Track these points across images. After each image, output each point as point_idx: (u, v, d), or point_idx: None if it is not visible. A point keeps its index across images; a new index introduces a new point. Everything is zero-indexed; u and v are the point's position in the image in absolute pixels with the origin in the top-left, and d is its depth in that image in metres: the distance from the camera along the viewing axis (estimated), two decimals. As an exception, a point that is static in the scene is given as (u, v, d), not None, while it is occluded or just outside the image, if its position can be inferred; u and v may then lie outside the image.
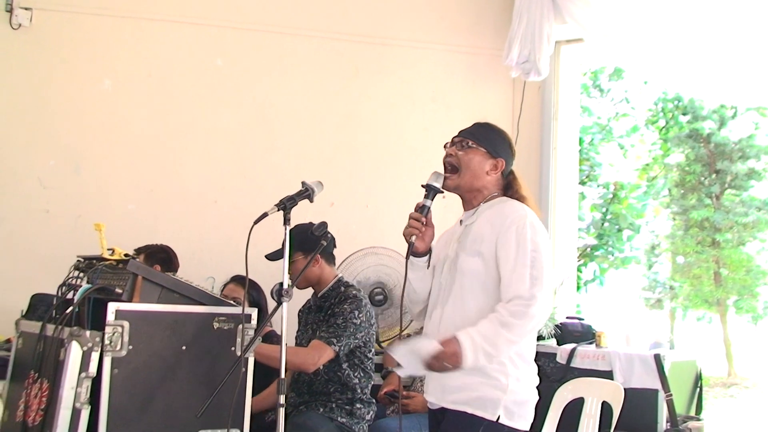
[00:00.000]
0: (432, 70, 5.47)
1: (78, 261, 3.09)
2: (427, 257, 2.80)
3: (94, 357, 2.62)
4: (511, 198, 2.76)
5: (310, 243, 3.43)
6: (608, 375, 4.40)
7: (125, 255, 3.00)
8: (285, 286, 2.81)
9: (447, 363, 2.50)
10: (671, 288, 14.79)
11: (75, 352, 2.62)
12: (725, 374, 13.62)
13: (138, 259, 4.03)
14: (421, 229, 2.72)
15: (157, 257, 4.25)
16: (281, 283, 2.84)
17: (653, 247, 14.92)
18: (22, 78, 4.85)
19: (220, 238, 4.91)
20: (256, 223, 2.70)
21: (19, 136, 4.82)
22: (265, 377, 3.66)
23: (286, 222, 2.85)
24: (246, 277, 2.81)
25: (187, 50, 5.11)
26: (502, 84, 5.50)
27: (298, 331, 3.97)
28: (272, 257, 3.59)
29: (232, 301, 3.03)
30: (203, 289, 2.93)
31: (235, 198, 5.04)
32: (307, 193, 2.93)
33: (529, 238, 2.57)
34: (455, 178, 2.75)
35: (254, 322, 2.90)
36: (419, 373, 2.65)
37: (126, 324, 2.67)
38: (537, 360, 2.75)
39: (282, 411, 2.72)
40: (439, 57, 5.50)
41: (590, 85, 13.77)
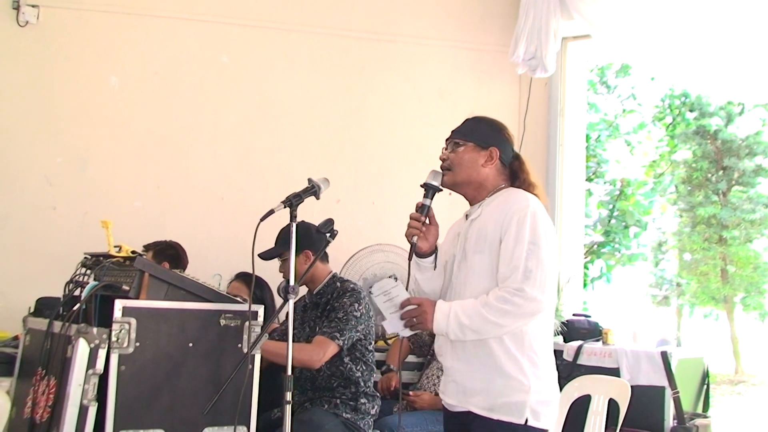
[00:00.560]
0: (438, 67, 5.46)
1: (85, 258, 3.10)
2: (432, 257, 2.77)
3: (101, 354, 2.62)
4: (519, 188, 2.71)
5: (302, 241, 3.44)
6: (615, 372, 4.40)
7: (132, 252, 3.01)
8: (291, 283, 2.81)
9: (416, 318, 2.55)
10: (678, 285, 14.76)
11: (82, 349, 2.62)
12: (732, 371, 13.60)
13: (147, 256, 4.08)
14: (422, 229, 2.70)
15: (166, 254, 4.26)
16: (288, 280, 2.84)
17: (660, 244, 14.89)
18: (28, 75, 4.86)
19: (227, 235, 4.92)
20: (262, 220, 2.70)
21: (25, 133, 4.84)
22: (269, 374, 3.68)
23: (293, 219, 2.85)
24: (252, 274, 2.81)
25: (193, 47, 5.11)
26: (509, 80, 5.49)
27: (294, 329, 3.96)
28: (265, 256, 3.60)
29: (238, 298, 3.03)
30: (210, 286, 2.93)
31: (242, 195, 5.04)
32: (313, 190, 2.92)
33: (528, 230, 2.53)
34: (451, 175, 2.72)
35: (261, 319, 2.90)
36: (399, 329, 2.62)
37: (133, 321, 2.67)
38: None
39: (288, 408, 2.72)
40: (445, 53, 5.49)
41: (597, 82, 13.75)
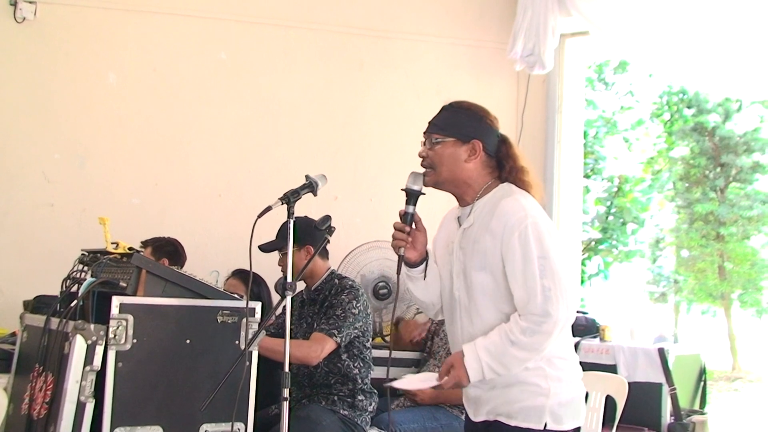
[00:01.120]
0: (436, 64, 5.46)
1: (82, 254, 3.10)
2: (423, 266, 2.59)
3: (99, 350, 2.63)
4: (507, 179, 2.52)
5: (303, 236, 3.45)
6: (612, 369, 4.40)
7: (129, 248, 3.01)
8: (289, 280, 2.81)
9: (454, 386, 2.45)
10: (675, 282, 14.79)
11: (79, 346, 2.62)
12: (729, 368, 13.63)
13: (145, 252, 4.08)
14: (408, 240, 2.53)
15: (164, 250, 4.26)
16: (286, 276, 2.84)
17: (658, 241, 14.91)
18: (26, 72, 4.85)
19: (225, 231, 4.92)
20: (259, 216, 2.69)
21: (23, 130, 4.83)
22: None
23: (290, 216, 2.85)
24: (250, 271, 2.81)
25: (191, 44, 5.10)
26: (507, 77, 5.48)
27: (292, 325, 3.97)
28: (265, 248, 3.60)
29: (236, 295, 3.03)
30: (207, 283, 2.94)
31: (240, 192, 5.04)
32: (310, 186, 2.92)
33: (534, 244, 2.36)
34: (433, 175, 2.54)
35: (258, 315, 2.90)
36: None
37: (130, 317, 2.68)
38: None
39: (286, 404, 2.72)
40: (443, 50, 5.49)
41: (595, 79, 13.77)
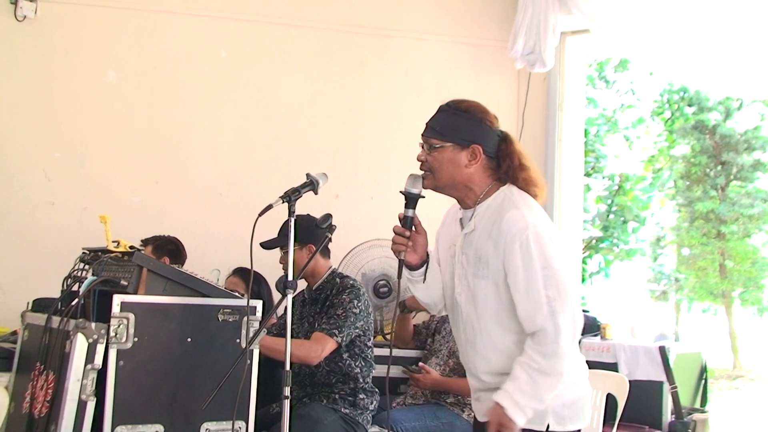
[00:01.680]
0: (437, 62, 5.45)
1: (83, 253, 3.10)
2: (423, 269, 2.56)
3: (100, 349, 2.63)
4: (505, 178, 2.49)
5: (306, 234, 3.45)
6: (613, 367, 4.41)
7: (130, 247, 3.01)
8: (290, 278, 2.81)
9: None
10: (676, 280, 14.80)
11: (80, 344, 2.62)
12: (730, 366, 13.64)
13: (145, 250, 4.08)
14: (408, 244, 2.50)
15: (165, 248, 4.26)
16: (287, 275, 2.84)
17: (658, 239, 14.92)
18: (26, 70, 4.84)
19: (225, 230, 4.92)
20: (260, 215, 2.69)
21: (23, 128, 4.83)
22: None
23: (291, 214, 2.84)
24: (251, 269, 2.81)
25: (191, 42, 5.10)
26: (507, 75, 5.48)
27: (293, 324, 3.97)
28: (267, 245, 3.60)
29: (237, 293, 3.03)
30: (208, 281, 2.94)
31: (240, 190, 5.04)
32: (311, 185, 2.92)
33: (536, 255, 2.33)
34: (432, 179, 2.50)
35: (259, 314, 2.90)
36: None
37: (131, 316, 2.68)
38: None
39: (287, 403, 2.72)
40: (444, 48, 5.48)
41: (596, 77, 13.76)
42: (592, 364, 4.33)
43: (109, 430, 2.62)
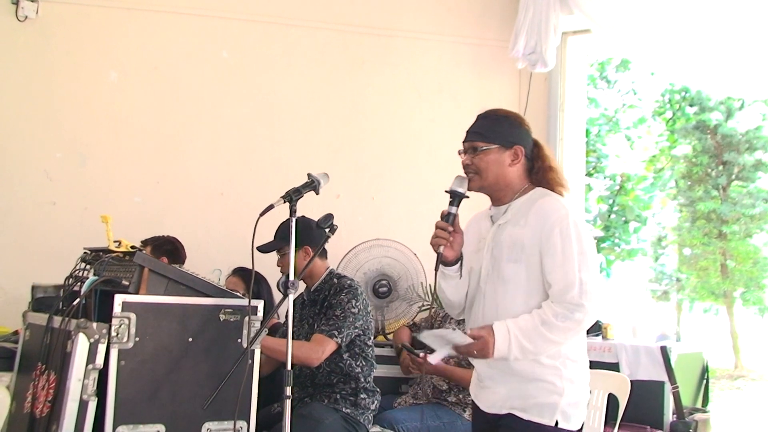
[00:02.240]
0: (438, 62, 5.45)
1: (85, 253, 3.09)
2: (458, 265, 2.68)
3: (101, 349, 2.62)
4: (535, 178, 2.68)
5: (302, 236, 3.44)
6: (614, 367, 4.41)
7: (132, 247, 3.01)
8: (291, 279, 2.81)
9: (477, 352, 2.49)
10: (678, 280, 14.79)
11: (82, 344, 2.62)
12: (732, 366, 13.62)
13: (145, 251, 4.05)
14: (449, 239, 2.61)
15: (163, 249, 4.26)
16: (288, 275, 2.84)
17: (660, 239, 14.92)
18: (28, 70, 4.85)
19: (226, 230, 4.92)
20: (261, 215, 2.70)
21: (25, 128, 4.83)
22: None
23: (292, 214, 2.85)
24: (252, 269, 2.81)
25: (192, 42, 5.10)
26: (509, 75, 5.48)
27: (294, 327, 3.97)
28: (264, 249, 3.60)
29: (238, 293, 3.03)
30: (210, 281, 2.93)
31: (241, 190, 5.04)
32: (313, 185, 2.92)
33: (575, 240, 2.49)
34: (478, 180, 2.65)
35: (260, 314, 2.90)
36: (448, 353, 2.59)
37: (132, 316, 2.67)
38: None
39: (288, 403, 2.72)
40: (445, 48, 5.48)
41: (597, 77, 13.77)
42: (593, 364, 4.32)
43: (111, 429, 2.62)
